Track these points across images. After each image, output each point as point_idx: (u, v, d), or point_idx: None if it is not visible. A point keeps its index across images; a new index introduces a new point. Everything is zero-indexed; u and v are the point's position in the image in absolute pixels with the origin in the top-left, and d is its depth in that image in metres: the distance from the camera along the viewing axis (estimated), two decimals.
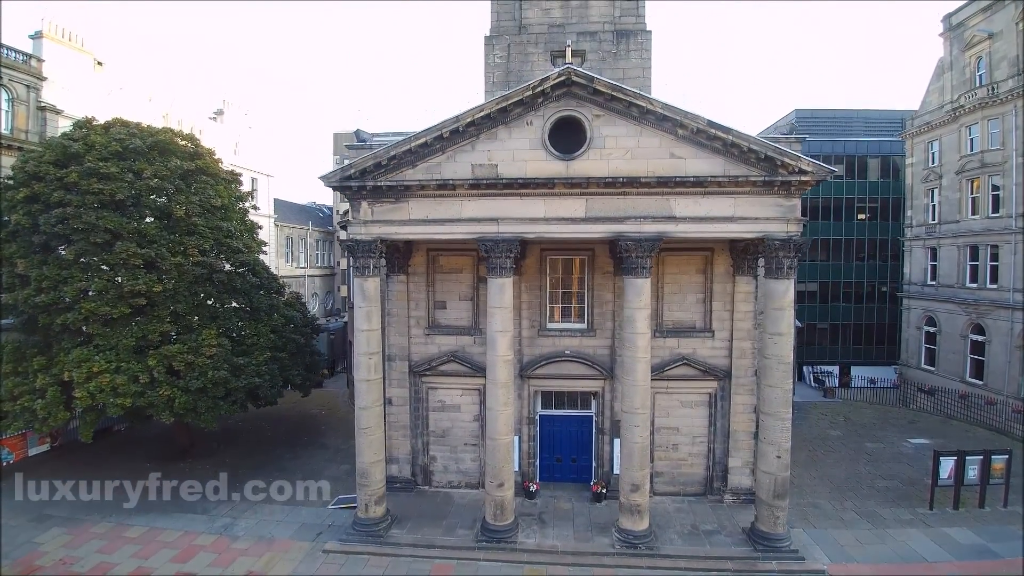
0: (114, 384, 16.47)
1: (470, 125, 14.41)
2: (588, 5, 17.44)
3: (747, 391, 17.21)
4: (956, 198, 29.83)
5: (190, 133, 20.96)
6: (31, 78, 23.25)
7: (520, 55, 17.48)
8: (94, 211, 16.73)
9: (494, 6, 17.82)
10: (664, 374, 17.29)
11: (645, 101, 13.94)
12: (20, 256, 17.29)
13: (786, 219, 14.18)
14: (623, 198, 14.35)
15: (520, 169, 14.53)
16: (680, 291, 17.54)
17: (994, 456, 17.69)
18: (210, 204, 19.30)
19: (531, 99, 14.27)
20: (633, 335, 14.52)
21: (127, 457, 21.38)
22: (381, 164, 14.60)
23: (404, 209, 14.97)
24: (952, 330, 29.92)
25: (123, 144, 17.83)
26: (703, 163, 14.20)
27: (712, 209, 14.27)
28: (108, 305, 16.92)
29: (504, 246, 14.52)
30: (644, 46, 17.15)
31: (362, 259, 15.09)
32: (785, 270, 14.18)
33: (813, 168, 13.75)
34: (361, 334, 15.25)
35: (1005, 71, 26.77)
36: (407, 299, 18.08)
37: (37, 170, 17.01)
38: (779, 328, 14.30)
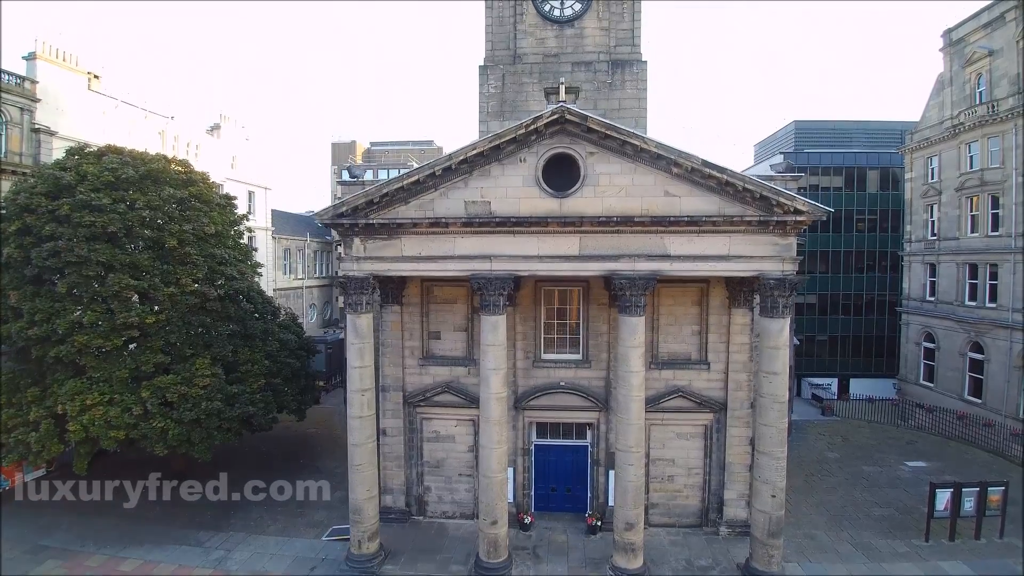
0: (108, 417, 16.47)
1: (463, 162, 14.31)
2: (583, 35, 17.29)
3: (743, 423, 17.13)
4: (955, 215, 29.67)
5: (183, 159, 20.91)
6: (25, 100, 23.15)
7: (515, 85, 17.35)
8: (86, 243, 16.64)
9: (488, 35, 17.68)
10: (659, 406, 17.21)
11: (639, 140, 13.82)
12: (13, 288, 17.24)
13: (782, 258, 14.07)
14: (617, 236, 14.24)
15: (513, 207, 14.42)
16: (676, 323, 17.43)
17: (990, 488, 17.60)
18: (203, 232, 19.20)
19: (524, 137, 14.16)
20: (627, 373, 14.44)
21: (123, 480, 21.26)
22: (373, 201, 14.50)
23: (397, 246, 14.88)
24: (951, 347, 29.82)
25: (115, 174, 17.73)
26: (698, 201, 14.08)
27: (707, 248, 14.16)
28: (101, 337, 16.87)
29: (497, 284, 14.43)
30: (640, 76, 17.00)
31: (355, 295, 15.00)
32: (780, 309, 14.07)
33: (809, 208, 13.63)
34: (354, 371, 15.18)
35: (1005, 89, 26.58)
36: (401, 329, 17.99)
37: (29, 202, 16.92)
38: (774, 367, 14.20)
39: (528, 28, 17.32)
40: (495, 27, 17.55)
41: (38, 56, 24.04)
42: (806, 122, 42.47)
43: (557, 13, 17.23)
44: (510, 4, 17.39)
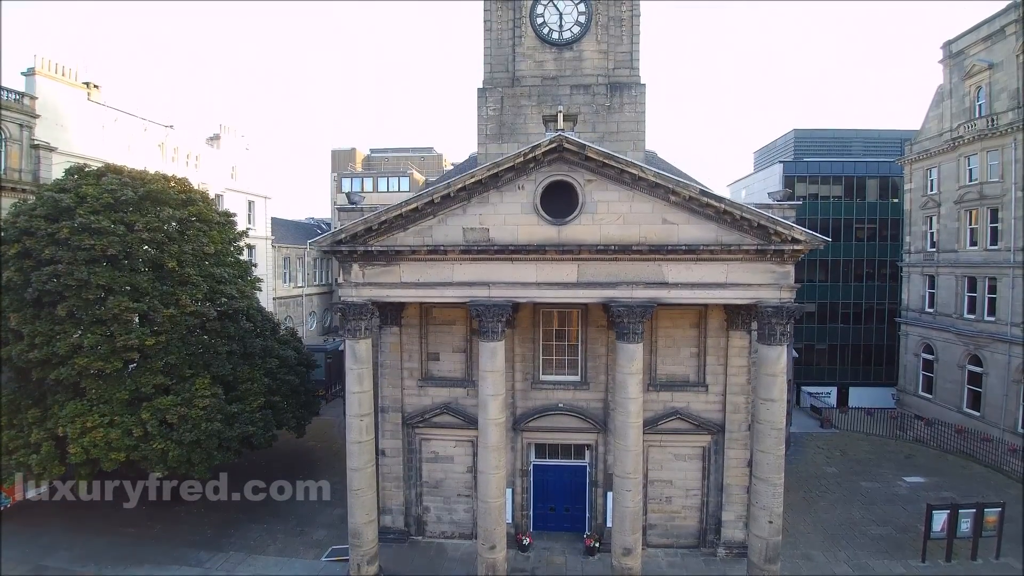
0: (108, 439, 16.57)
1: (461, 190, 14.35)
2: (582, 57, 17.29)
3: (741, 445, 17.18)
4: (954, 227, 29.68)
5: (182, 178, 20.90)
6: (24, 116, 23.14)
7: (513, 108, 17.36)
8: (86, 267, 16.69)
9: (487, 58, 17.69)
10: (657, 428, 17.27)
11: (637, 169, 13.85)
12: (13, 310, 17.29)
13: (779, 286, 14.11)
14: (615, 263, 14.29)
15: (512, 234, 14.46)
16: (674, 345, 17.48)
17: (987, 509, 17.68)
18: (203, 252, 19.26)
19: (522, 165, 14.19)
20: (625, 400, 14.49)
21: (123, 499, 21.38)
22: (372, 228, 14.54)
23: (395, 272, 14.92)
24: (950, 359, 29.86)
25: (115, 195, 17.78)
26: (696, 229, 14.11)
27: (705, 275, 14.20)
28: (101, 360, 16.92)
29: (496, 311, 14.47)
30: (638, 99, 17.01)
31: (353, 321, 15.05)
32: (778, 336, 14.11)
33: (806, 237, 13.67)
34: (353, 396, 15.24)
35: (1005, 103, 26.56)
36: (400, 351, 18.03)
37: (28, 225, 16.97)
38: (771, 394, 14.25)
39: (527, 51, 17.33)
40: (493, 49, 17.56)
41: (37, 72, 24.04)
42: (805, 131, 42.41)
43: (556, 36, 17.23)
44: (509, 27, 17.39)
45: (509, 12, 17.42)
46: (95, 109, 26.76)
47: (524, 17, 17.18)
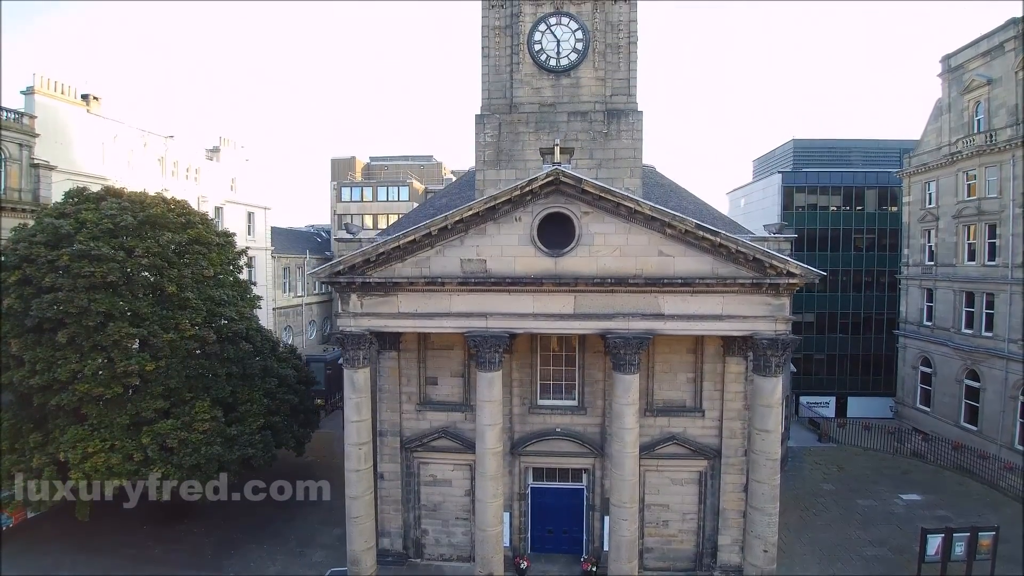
0: (109, 464, 16.69)
1: (459, 222, 14.44)
2: (579, 84, 17.33)
3: (737, 470, 17.26)
4: (952, 242, 29.71)
5: (182, 200, 20.99)
6: (24, 136, 23.22)
7: (511, 134, 17.41)
8: (86, 294, 16.78)
9: (484, 84, 17.73)
10: (654, 452, 17.36)
11: (633, 203, 13.93)
12: (13, 336, 17.39)
13: (775, 318, 14.20)
14: (612, 295, 14.39)
15: (509, 265, 14.55)
16: (671, 370, 17.55)
17: (981, 532, 17.76)
18: (202, 275, 19.35)
19: (519, 198, 14.27)
20: (622, 430, 14.61)
21: (123, 519, 21.52)
22: (370, 260, 14.64)
23: (393, 302, 15.02)
24: (947, 373, 29.93)
25: (114, 220, 17.87)
26: (692, 261, 14.20)
27: (701, 307, 14.29)
28: (102, 386, 17.05)
29: (493, 342, 14.58)
30: (635, 126, 17.06)
31: (352, 351, 15.16)
32: (773, 368, 14.21)
33: (801, 271, 13.75)
34: (351, 425, 15.36)
35: (1004, 119, 26.57)
36: (398, 375, 18.12)
37: (28, 252, 17.06)
38: (766, 425, 14.36)
39: (524, 77, 17.37)
40: (491, 75, 17.60)
41: (37, 90, 24.10)
42: (804, 140, 42.40)
43: (553, 63, 17.26)
44: (506, 54, 17.43)
45: (507, 39, 17.46)
46: (95, 126, 26.81)
47: (522, 44, 17.22)
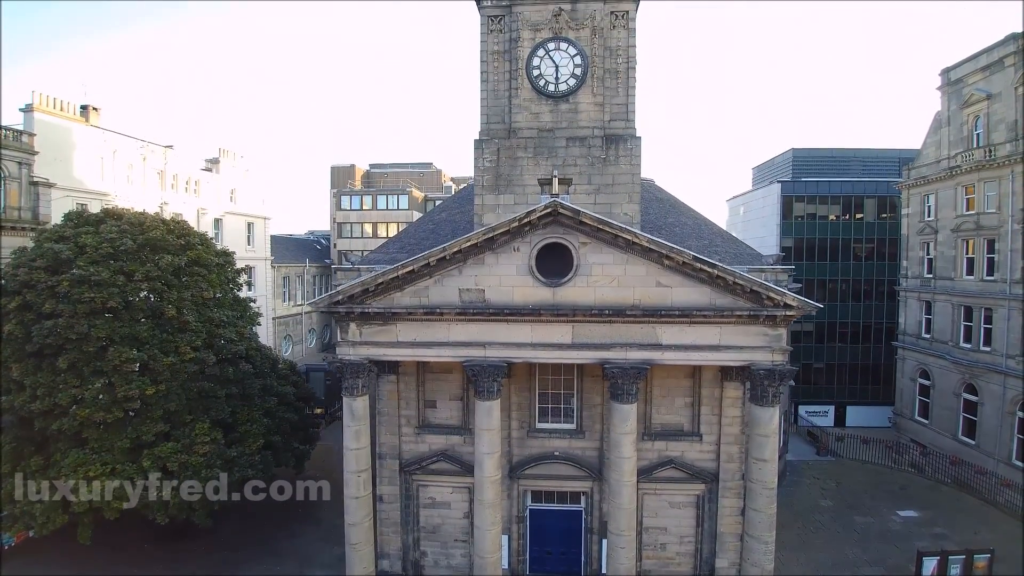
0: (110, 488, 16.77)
1: (457, 253, 14.48)
2: (578, 109, 17.32)
3: (734, 494, 17.33)
4: (951, 255, 29.74)
5: (181, 220, 21.04)
6: (23, 154, 23.23)
7: (509, 159, 17.41)
8: (86, 319, 16.83)
9: (483, 108, 17.72)
10: (652, 476, 17.42)
11: (631, 235, 13.97)
12: (14, 361, 17.45)
13: (772, 348, 14.26)
14: (610, 325, 14.45)
15: (507, 295, 14.61)
16: (668, 394, 17.62)
17: (976, 555, 17.88)
18: (201, 297, 19.39)
19: (518, 229, 14.31)
20: (619, 459, 14.69)
21: (124, 538, 21.62)
22: (369, 290, 14.70)
23: (392, 331, 15.08)
24: (945, 386, 30.00)
25: (113, 244, 17.92)
26: (689, 292, 14.25)
27: (698, 337, 14.36)
28: (103, 410, 17.11)
29: (491, 371, 14.65)
30: (634, 152, 17.05)
31: (351, 379, 15.23)
32: (770, 398, 14.28)
33: (798, 303, 13.80)
34: (350, 452, 15.44)
35: (1003, 134, 26.56)
36: (397, 398, 18.18)
37: (28, 278, 17.11)
38: (763, 454, 14.44)
39: (523, 102, 17.36)
40: (490, 100, 17.59)
41: (35, 108, 24.11)
42: (803, 150, 42.36)
43: (552, 88, 17.25)
44: (505, 78, 17.42)
45: (505, 63, 17.45)
46: (94, 142, 26.82)
47: (520, 69, 17.21)
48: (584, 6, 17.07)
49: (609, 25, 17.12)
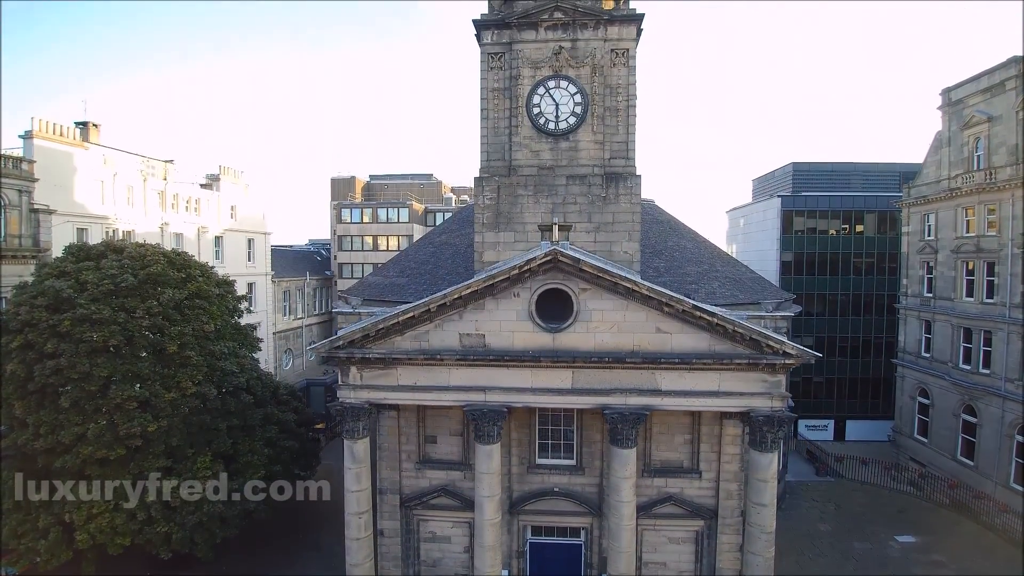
0: (113, 524, 16.94)
1: (457, 299, 14.52)
2: (578, 148, 17.32)
3: (733, 531, 17.43)
4: (951, 276, 29.74)
5: (182, 252, 21.05)
6: (23, 182, 23.22)
7: (510, 197, 17.43)
8: (88, 358, 16.89)
9: (483, 146, 17.73)
10: (652, 512, 17.51)
11: (630, 283, 14.00)
12: (17, 399, 17.52)
13: (771, 395, 14.32)
14: (609, 370, 14.50)
15: (507, 340, 14.66)
16: (668, 431, 17.68)
17: None
18: (202, 330, 19.43)
19: (518, 275, 14.34)
20: (619, 503, 14.77)
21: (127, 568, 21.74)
22: (369, 335, 14.75)
23: (392, 375, 15.14)
24: (945, 406, 30.05)
25: (115, 281, 17.95)
26: (689, 339, 14.29)
27: (697, 383, 14.42)
28: (105, 447, 17.19)
29: (491, 416, 14.71)
30: (634, 191, 17.07)
31: (352, 422, 15.30)
32: (769, 444, 14.35)
33: (797, 352, 13.85)
34: (351, 495, 15.52)
35: (1004, 158, 26.52)
36: (398, 434, 18.26)
37: (30, 317, 17.14)
38: (762, 499, 14.51)
39: (523, 140, 17.36)
40: (490, 137, 17.60)
41: (35, 134, 24.11)
42: (804, 163, 42.29)
43: (552, 126, 17.25)
44: (505, 116, 17.42)
45: (505, 101, 17.44)
46: (94, 166, 26.81)
47: (520, 107, 17.21)
48: (584, 44, 17.07)
49: (610, 63, 17.11)
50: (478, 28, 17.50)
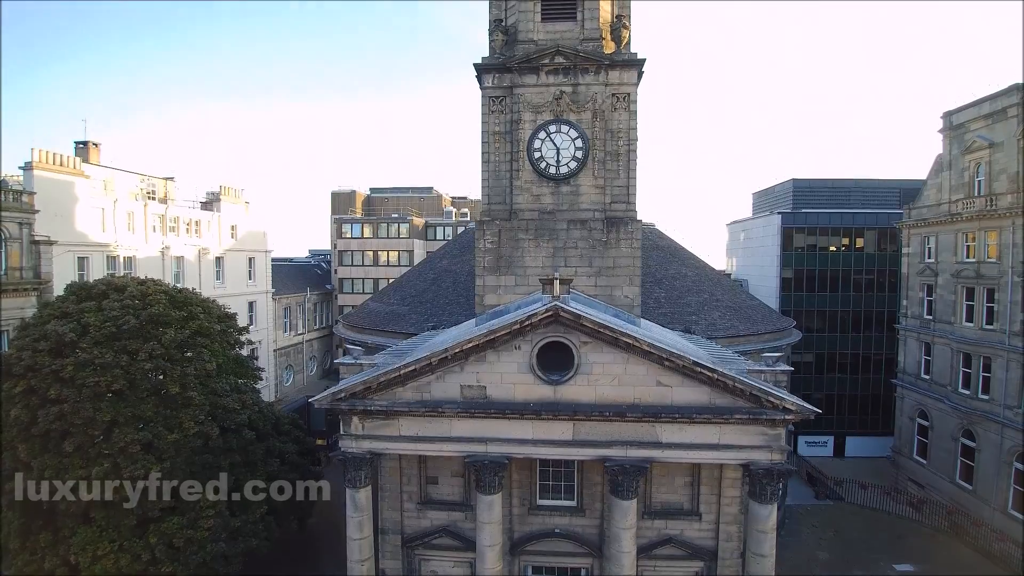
0: (118, 565, 17.06)
1: (459, 352, 14.57)
2: (579, 192, 17.35)
3: (733, 572, 17.54)
4: (951, 300, 29.79)
5: (183, 288, 21.10)
6: (23, 215, 23.22)
7: (511, 240, 17.47)
8: (91, 403, 16.96)
9: (484, 189, 17.76)
10: (652, 554, 17.57)
11: (631, 339, 14.05)
12: (20, 441, 17.60)
13: (771, 448, 14.39)
14: (610, 423, 14.56)
15: (508, 392, 14.72)
16: (668, 473, 17.72)
17: None
18: (204, 370, 19.49)
19: (519, 329, 14.39)
20: (619, 553, 14.88)
21: None
22: (371, 388, 14.81)
23: (394, 425, 15.22)
24: (944, 429, 30.18)
25: (116, 323, 18.00)
26: (690, 392, 14.36)
27: (698, 436, 14.49)
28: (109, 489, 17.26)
29: (493, 467, 14.79)
30: (634, 235, 17.11)
31: (353, 472, 15.38)
32: (769, 496, 14.43)
33: (797, 408, 13.91)
34: (353, 543, 15.63)
35: (1004, 185, 26.52)
36: (400, 474, 18.32)
37: (33, 361, 17.21)
38: (762, 550, 14.61)
39: (524, 184, 17.39)
40: (491, 181, 17.62)
41: (35, 165, 24.06)
42: (804, 180, 42.30)
43: (553, 171, 17.27)
44: (506, 160, 17.44)
45: (507, 144, 17.46)
46: (95, 194, 26.80)
47: (521, 151, 17.22)
48: (585, 88, 17.07)
49: (610, 107, 17.12)
50: (479, 72, 17.49)
